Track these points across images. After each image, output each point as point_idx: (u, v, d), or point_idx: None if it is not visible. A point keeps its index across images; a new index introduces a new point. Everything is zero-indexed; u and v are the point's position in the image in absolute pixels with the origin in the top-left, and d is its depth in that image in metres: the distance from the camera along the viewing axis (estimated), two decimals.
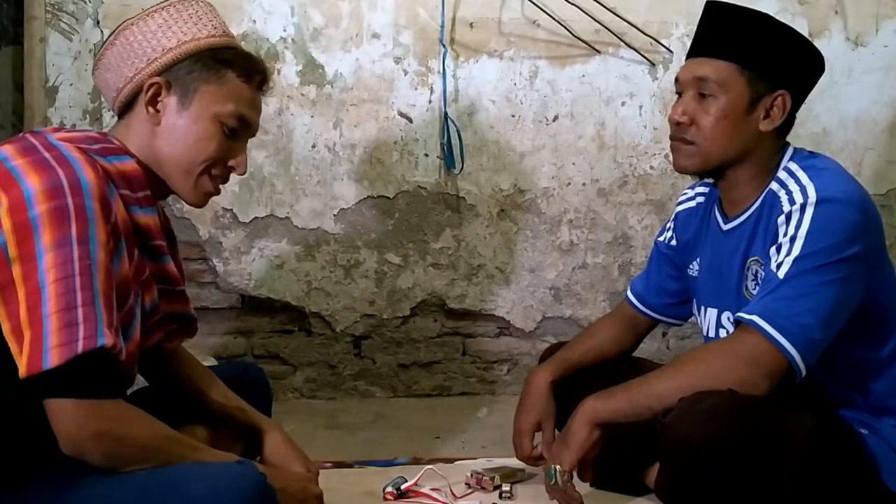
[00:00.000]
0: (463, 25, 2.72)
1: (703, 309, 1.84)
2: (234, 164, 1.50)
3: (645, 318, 2.03)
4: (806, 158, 1.72)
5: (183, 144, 1.45)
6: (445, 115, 2.71)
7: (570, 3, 2.69)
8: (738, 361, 1.56)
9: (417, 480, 1.87)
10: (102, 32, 2.57)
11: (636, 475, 1.88)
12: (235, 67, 1.47)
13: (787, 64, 1.70)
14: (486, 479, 1.92)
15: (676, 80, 1.76)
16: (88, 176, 1.29)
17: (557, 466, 1.70)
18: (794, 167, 1.68)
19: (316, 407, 2.71)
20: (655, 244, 2.03)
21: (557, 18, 2.73)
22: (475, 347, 2.86)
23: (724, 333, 1.77)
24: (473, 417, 2.62)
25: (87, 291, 1.24)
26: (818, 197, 1.60)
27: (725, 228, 1.78)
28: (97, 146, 1.38)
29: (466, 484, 1.92)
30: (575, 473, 1.72)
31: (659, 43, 2.78)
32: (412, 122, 2.73)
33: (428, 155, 2.75)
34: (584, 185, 2.82)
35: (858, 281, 1.60)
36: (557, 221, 2.83)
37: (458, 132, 2.71)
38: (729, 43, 1.69)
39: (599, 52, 2.78)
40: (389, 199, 2.75)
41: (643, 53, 2.78)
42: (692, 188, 1.96)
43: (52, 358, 1.21)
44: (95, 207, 1.28)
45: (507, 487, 1.91)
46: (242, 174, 1.53)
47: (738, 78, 1.68)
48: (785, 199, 1.64)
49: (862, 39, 2.88)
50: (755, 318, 1.56)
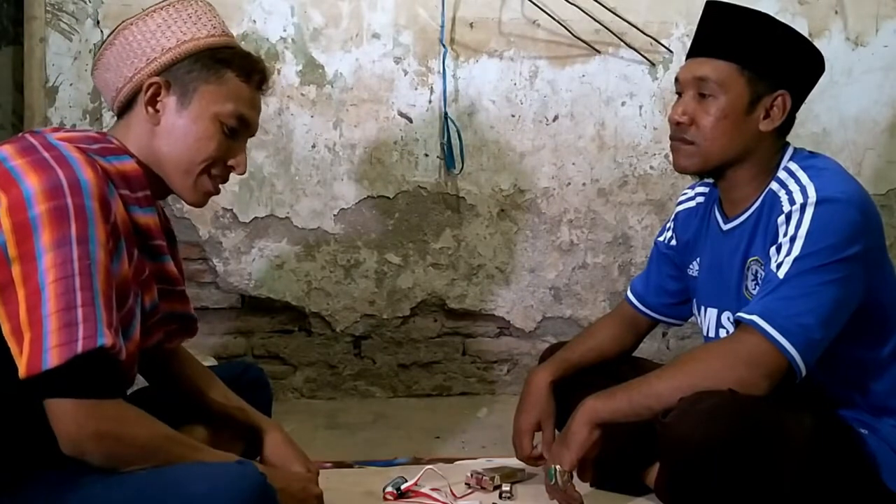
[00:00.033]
0: (463, 25, 2.72)
1: (703, 309, 1.84)
2: (233, 163, 1.50)
3: (645, 318, 2.03)
4: (806, 158, 1.72)
5: (182, 144, 1.45)
6: (445, 115, 2.71)
7: (570, 3, 2.69)
8: (738, 361, 1.56)
9: (417, 480, 1.87)
10: (102, 32, 2.57)
11: (636, 475, 1.88)
12: (235, 67, 1.47)
13: (787, 64, 1.70)
14: (486, 479, 1.92)
15: (676, 80, 1.76)
16: (88, 176, 1.29)
17: (557, 466, 1.70)
18: (794, 167, 1.68)
19: (316, 407, 2.71)
20: (655, 244, 2.03)
21: (557, 18, 2.73)
22: (475, 347, 2.86)
23: (724, 333, 1.76)
24: (473, 417, 2.62)
25: (86, 291, 1.24)
26: (818, 197, 1.60)
27: (725, 228, 1.78)
28: (96, 146, 1.38)
29: (466, 484, 1.92)
30: (575, 473, 1.72)
31: (659, 43, 2.78)
32: (412, 122, 2.73)
33: (428, 155, 2.75)
34: (584, 185, 2.82)
35: (858, 281, 1.60)
36: (557, 221, 2.82)
37: (458, 132, 2.71)
38: (729, 43, 1.69)
39: (599, 52, 2.77)
40: (389, 199, 2.75)
41: (643, 53, 2.78)
42: (692, 188, 1.96)
43: (51, 358, 1.21)
44: (95, 207, 1.28)
45: (507, 487, 1.91)
46: (242, 174, 1.53)
47: (738, 78, 1.68)
48: (785, 199, 1.64)
49: (862, 39, 2.88)
50: (755, 318, 1.56)
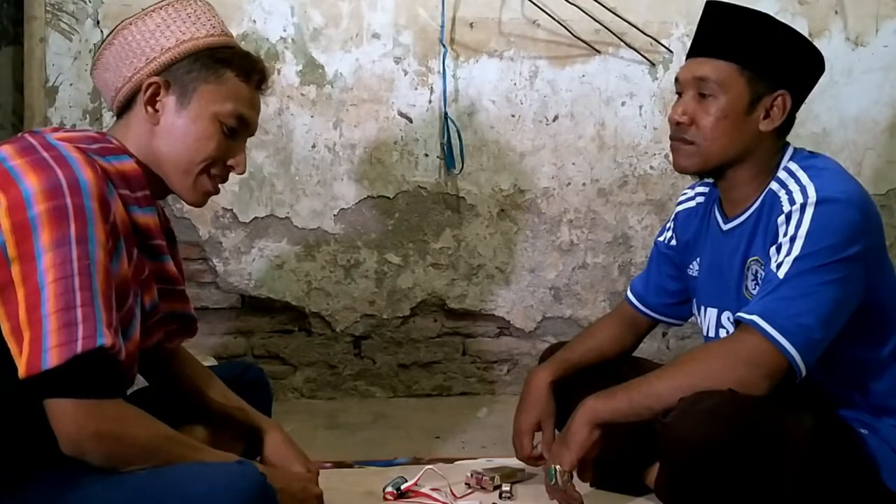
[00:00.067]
0: (463, 25, 2.72)
1: (703, 309, 1.84)
2: (233, 163, 1.50)
3: (645, 318, 2.03)
4: (806, 158, 1.72)
5: (182, 144, 1.45)
6: (445, 115, 2.71)
7: (570, 3, 2.69)
8: (738, 361, 1.56)
9: (417, 480, 1.87)
10: (102, 32, 2.56)
11: (636, 475, 1.88)
12: (234, 67, 1.47)
13: (787, 64, 1.69)
14: (486, 479, 1.92)
15: (676, 80, 1.76)
16: (87, 176, 1.29)
17: (557, 466, 1.70)
18: (794, 167, 1.68)
19: (316, 407, 2.71)
20: (655, 244, 2.03)
21: (557, 18, 2.73)
22: (475, 347, 2.85)
23: (724, 333, 1.76)
24: (473, 417, 2.62)
25: (86, 291, 1.24)
26: (818, 197, 1.60)
27: (725, 228, 1.78)
28: (96, 146, 1.38)
29: (466, 484, 1.92)
30: (575, 473, 1.72)
31: (659, 43, 2.78)
32: (412, 122, 2.73)
33: (428, 155, 2.75)
34: (584, 185, 2.82)
35: (858, 281, 1.60)
36: (557, 221, 2.82)
37: (458, 132, 2.71)
38: (729, 43, 1.68)
39: (599, 52, 2.77)
40: (389, 199, 2.75)
41: (643, 53, 2.78)
42: (692, 188, 1.96)
43: (51, 358, 1.21)
44: (94, 207, 1.28)
45: (507, 487, 1.90)
46: (241, 174, 1.53)
47: (738, 78, 1.68)
48: (785, 198, 1.64)
49: (862, 39, 2.87)
50: (755, 318, 1.56)
